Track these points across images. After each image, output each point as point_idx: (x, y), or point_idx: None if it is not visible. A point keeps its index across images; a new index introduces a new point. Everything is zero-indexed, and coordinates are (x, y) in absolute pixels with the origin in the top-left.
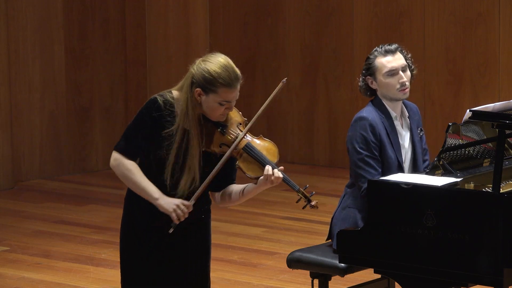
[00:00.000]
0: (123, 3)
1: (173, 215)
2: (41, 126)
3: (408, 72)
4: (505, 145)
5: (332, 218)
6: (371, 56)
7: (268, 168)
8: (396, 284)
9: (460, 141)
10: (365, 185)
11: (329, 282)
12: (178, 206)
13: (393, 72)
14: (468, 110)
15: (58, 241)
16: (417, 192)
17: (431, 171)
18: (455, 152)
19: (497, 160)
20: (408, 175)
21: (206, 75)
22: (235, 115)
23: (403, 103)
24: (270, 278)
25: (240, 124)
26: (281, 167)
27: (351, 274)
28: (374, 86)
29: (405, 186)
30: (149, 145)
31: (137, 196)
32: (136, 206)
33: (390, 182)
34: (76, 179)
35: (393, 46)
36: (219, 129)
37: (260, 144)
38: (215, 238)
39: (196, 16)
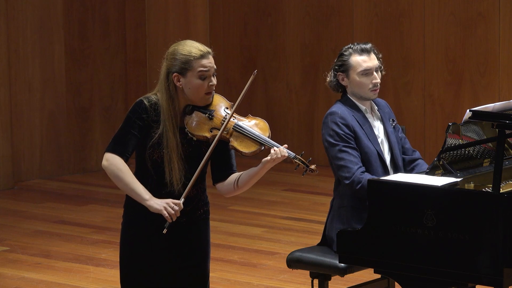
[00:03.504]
0: (123, 3)
1: (165, 213)
2: (41, 126)
3: (379, 73)
4: (505, 145)
5: (326, 223)
6: (346, 53)
7: (274, 148)
8: (396, 284)
9: (460, 141)
10: (348, 175)
11: (329, 282)
12: (168, 204)
13: (367, 72)
14: (468, 110)
15: (58, 241)
16: (417, 192)
17: (431, 171)
18: (455, 152)
19: (497, 160)
20: (408, 175)
21: (178, 57)
22: (220, 100)
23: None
24: (270, 278)
25: (227, 108)
26: (285, 145)
27: (351, 274)
28: (345, 82)
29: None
30: (140, 145)
31: (135, 201)
32: (135, 210)
33: (390, 182)
34: (76, 179)
35: (368, 46)
36: (206, 115)
37: (249, 121)
38: (215, 238)
39: (196, 16)
